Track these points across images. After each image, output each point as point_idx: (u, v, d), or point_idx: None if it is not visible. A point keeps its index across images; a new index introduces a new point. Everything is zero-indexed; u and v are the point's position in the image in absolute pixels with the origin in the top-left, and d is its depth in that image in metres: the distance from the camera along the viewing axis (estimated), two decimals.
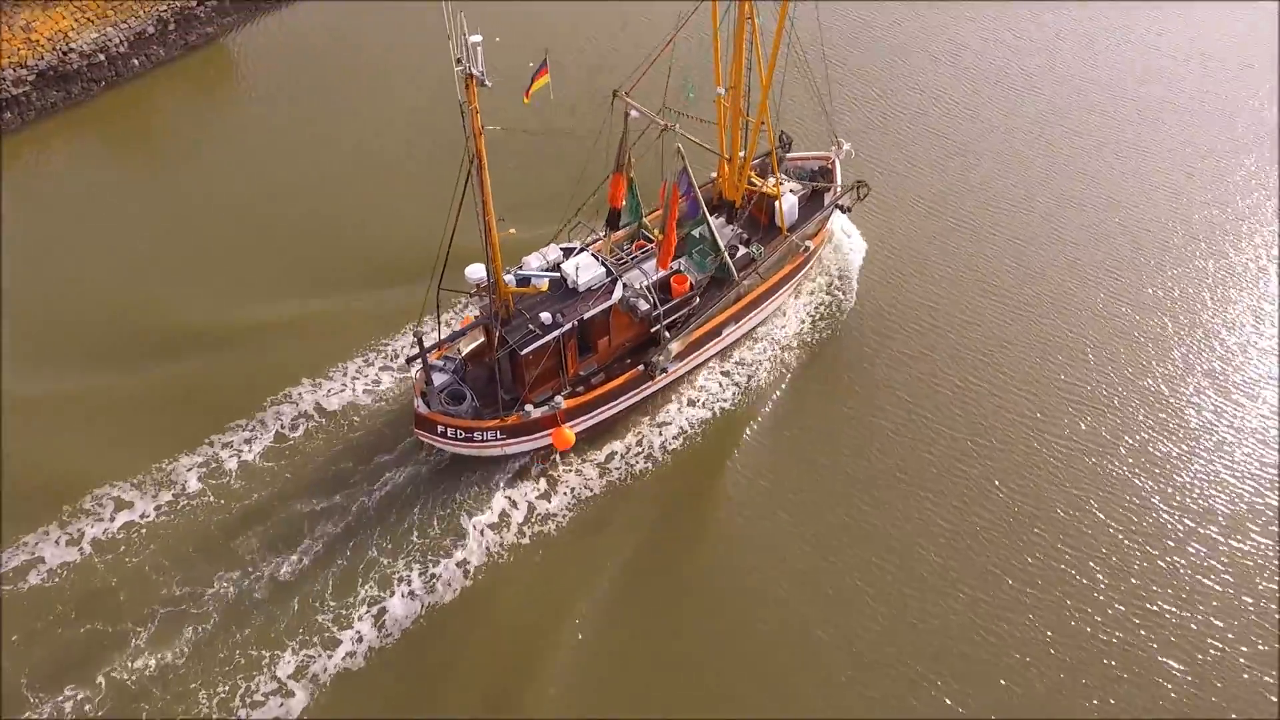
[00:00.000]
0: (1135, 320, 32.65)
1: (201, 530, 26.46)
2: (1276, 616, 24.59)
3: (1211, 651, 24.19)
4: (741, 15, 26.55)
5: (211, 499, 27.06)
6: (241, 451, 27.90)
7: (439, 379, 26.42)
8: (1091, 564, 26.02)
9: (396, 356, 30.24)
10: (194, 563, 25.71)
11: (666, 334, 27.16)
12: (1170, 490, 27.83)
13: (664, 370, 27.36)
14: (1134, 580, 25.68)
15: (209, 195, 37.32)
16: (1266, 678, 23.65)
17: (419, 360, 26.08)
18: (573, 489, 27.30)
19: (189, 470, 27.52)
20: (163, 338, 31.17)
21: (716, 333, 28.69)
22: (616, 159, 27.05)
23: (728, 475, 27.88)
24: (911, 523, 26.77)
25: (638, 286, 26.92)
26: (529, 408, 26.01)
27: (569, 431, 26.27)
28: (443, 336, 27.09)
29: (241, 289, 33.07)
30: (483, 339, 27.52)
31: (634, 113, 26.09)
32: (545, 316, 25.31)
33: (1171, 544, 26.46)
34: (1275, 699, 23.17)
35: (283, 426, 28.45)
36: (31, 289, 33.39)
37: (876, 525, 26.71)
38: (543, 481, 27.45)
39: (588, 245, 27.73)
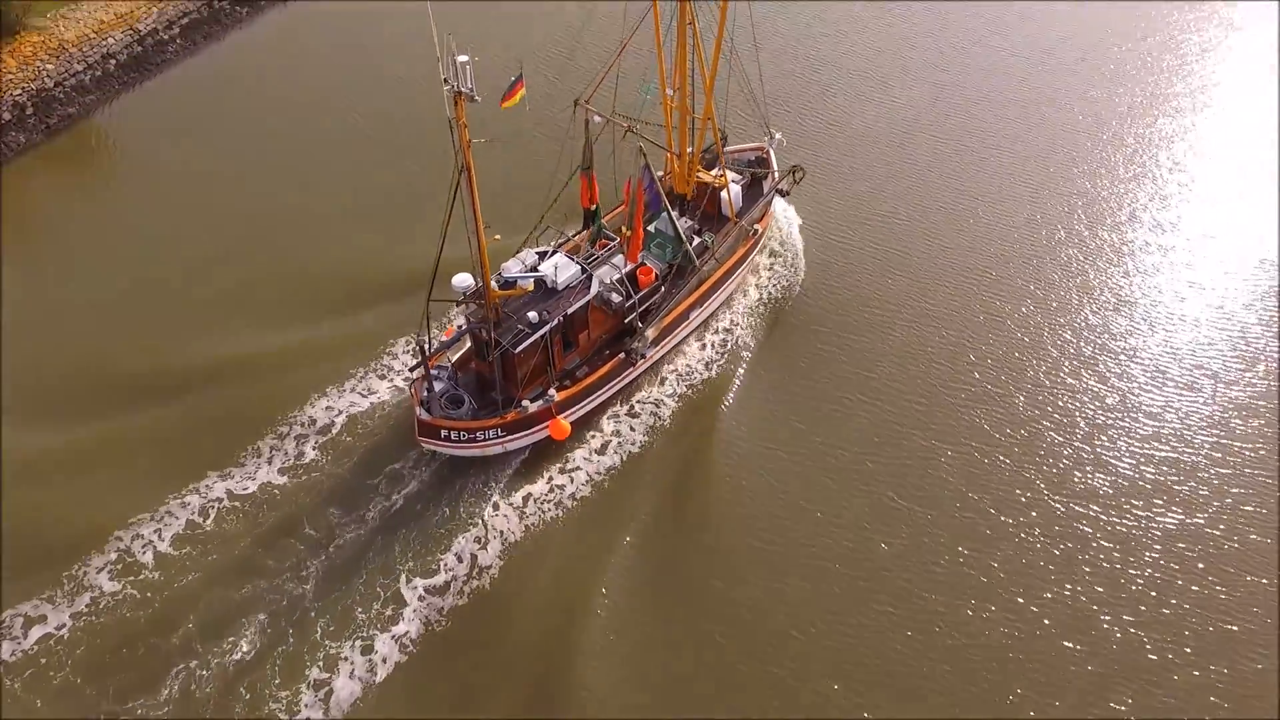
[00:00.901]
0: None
1: (246, 536, 26.71)
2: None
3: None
4: (683, 21, 28.12)
5: (236, 521, 27.06)
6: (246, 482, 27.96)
7: (436, 387, 27.41)
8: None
9: (387, 374, 30.56)
10: (283, 547, 26.35)
11: (640, 324, 28.77)
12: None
13: (643, 356, 28.97)
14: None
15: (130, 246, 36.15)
16: None
17: (420, 370, 27.09)
18: (586, 469, 28.55)
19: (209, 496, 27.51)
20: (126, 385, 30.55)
21: (685, 316, 30.55)
22: (583, 164, 28.22)
23: (720, 423, 30.14)
24: (851, 428, 29.86)
25: (609, 281, 28.49)
26: (526, 403, 26.99)
27: (564, 422, 27.31)
28: (431, 348, 27.67)
29: (186, 332, 32.30)
30: (468, 347, 28.60)
31: (596, 119, 27.48)
32: (532, 315, 26.59)
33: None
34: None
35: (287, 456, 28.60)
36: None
37: (825, 417, 30.14)
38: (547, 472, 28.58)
39: (559, 248, 29.11)
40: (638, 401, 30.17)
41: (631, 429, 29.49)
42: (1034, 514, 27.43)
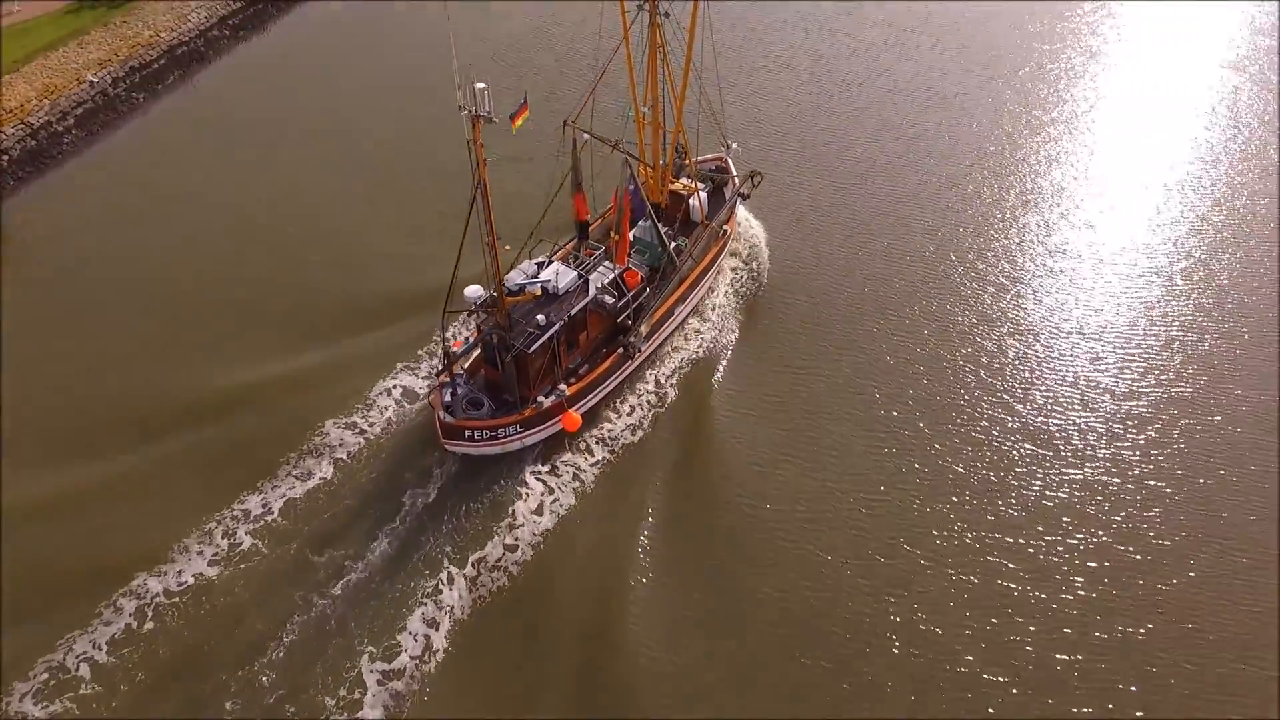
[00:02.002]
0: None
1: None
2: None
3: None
4: (653, 47, 30.18)
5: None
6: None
7: (453, 393, 28.57)
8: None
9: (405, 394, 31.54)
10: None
11: (630, 322, 30.56)
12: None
13: (639, 349, 30.87)
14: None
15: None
16: None
17: (439, 379, 28.61)
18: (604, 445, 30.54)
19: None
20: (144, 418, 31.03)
21: (671, 312, 32.45)
22: (573, 179, 29.58)
23: (714, 394, 32.45)
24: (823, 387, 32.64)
25: (602, 285, 30.20)
26: (540, 399, 28.55)
27: (576, 414, 28.89)
28: (442, 360, 28.84)
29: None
30: (475, 356, 29.93)
31: (584, 137, 28.95)
32: (540, 318, 28.06)
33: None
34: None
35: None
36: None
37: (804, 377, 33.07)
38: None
39: (553, 257, 30.71)
40: (640, 387, 32.23)
41: (637, 409, 31.60)
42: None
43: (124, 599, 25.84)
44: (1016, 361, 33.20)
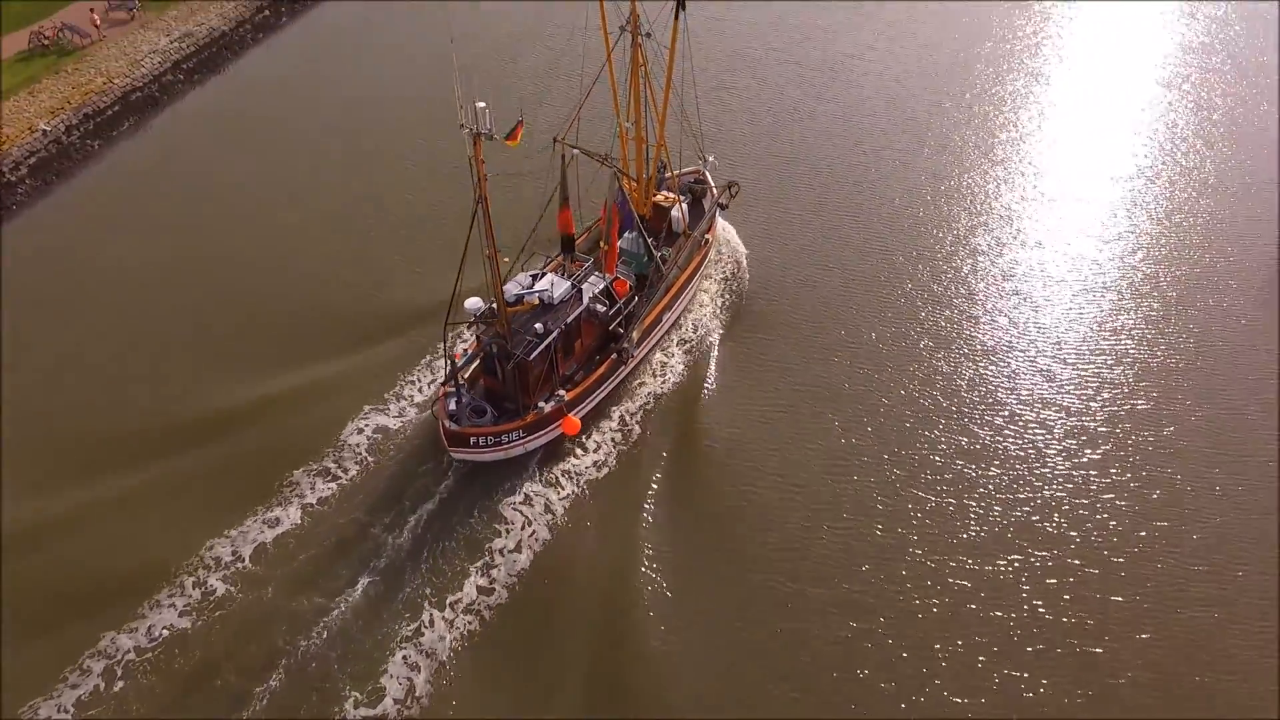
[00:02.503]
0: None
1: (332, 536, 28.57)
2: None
3: None
4: (635, 65, 32.23)
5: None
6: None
7: (455, 403, 29.99)
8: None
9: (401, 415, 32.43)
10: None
11: (622, 330, 32.41)
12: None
13: (631, 354, 32.58)
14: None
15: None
16: None
17: (443, 389, 29.91)
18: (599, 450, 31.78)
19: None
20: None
21: (659, 319, 34.22)
22: (561, 194, 31.07)
23: (703, 401, 33.97)
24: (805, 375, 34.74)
25: (594, 294, 32.01)
26: (541, 405, 29.93)
27: (575, 418, 30.28)
28: (446, 370, 30.48)
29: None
30: (474, 367, 31.29)
31: (574, 152, 30.33)
32: (538, 327, 29.65)
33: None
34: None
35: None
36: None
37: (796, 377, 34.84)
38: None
39: (545, 269, 32.49)
40: (637, 386, 33.98)
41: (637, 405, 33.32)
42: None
43: (91, 660, 25.36)
44: (972, 384, 34.02)
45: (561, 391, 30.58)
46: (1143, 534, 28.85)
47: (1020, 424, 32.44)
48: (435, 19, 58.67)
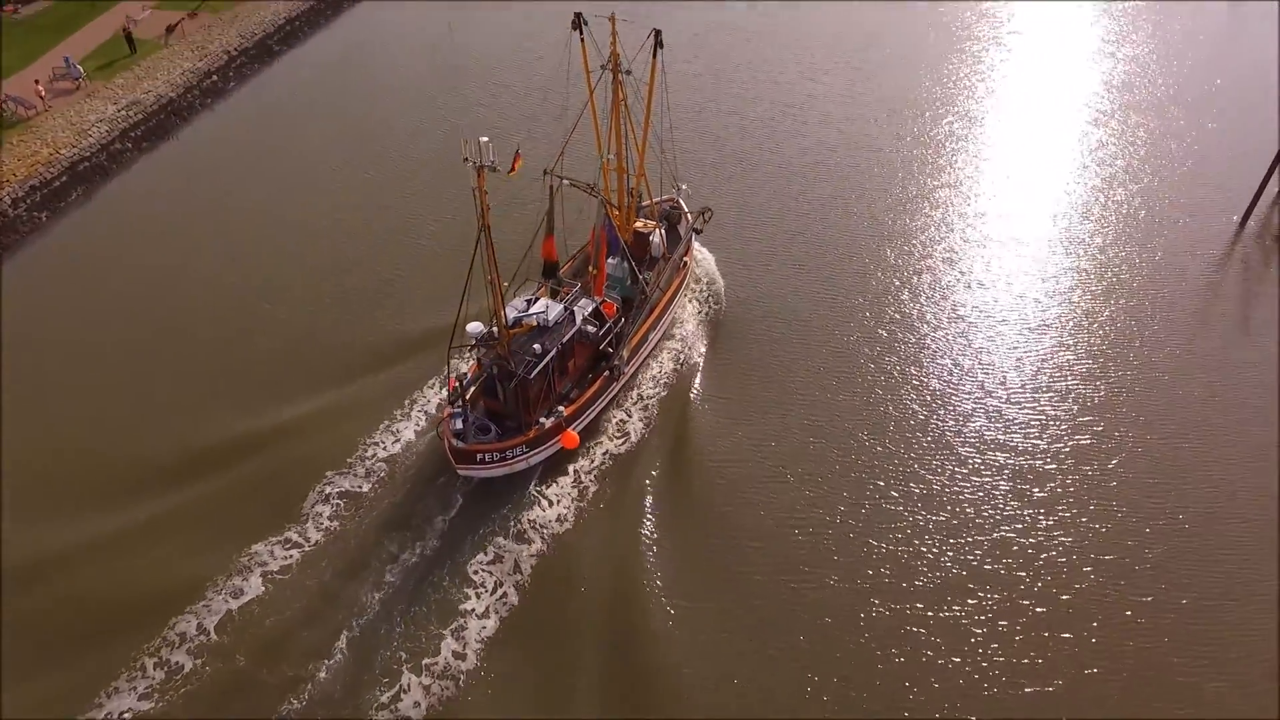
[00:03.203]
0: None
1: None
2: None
3: None
4: (616, 100, 34.30)
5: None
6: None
7: (460, 424, 31.26)
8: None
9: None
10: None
11: (611, 349, 34.34)
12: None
13: (622, 371, 34.59)
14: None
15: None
16: None
17: (455, 407, 31.39)
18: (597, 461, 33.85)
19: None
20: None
21: (646, 338, 36.35)
22: (547, 223, 32.79)
23: (694, 405, 36.18)
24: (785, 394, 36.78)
25: (584, 316, 33.81)
26: (542, 420, 31.59)
27: (574, 433, 31.91)
28: (452, 393, 32.12)
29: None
30: (475, 387, 32.71)
31: (565, 183, 32.23)
32: (536, 347, 31.28)
33: None
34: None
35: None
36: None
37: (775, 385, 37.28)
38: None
39: (537, 295, 33.93)
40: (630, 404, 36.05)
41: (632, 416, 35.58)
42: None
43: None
44: (922, 428, 34.97)
45: (560, 408, 32.34)
46: (1089, 571, 29.78)
47: (969, 466, 33.42)
48: (378, 80, 59.62)
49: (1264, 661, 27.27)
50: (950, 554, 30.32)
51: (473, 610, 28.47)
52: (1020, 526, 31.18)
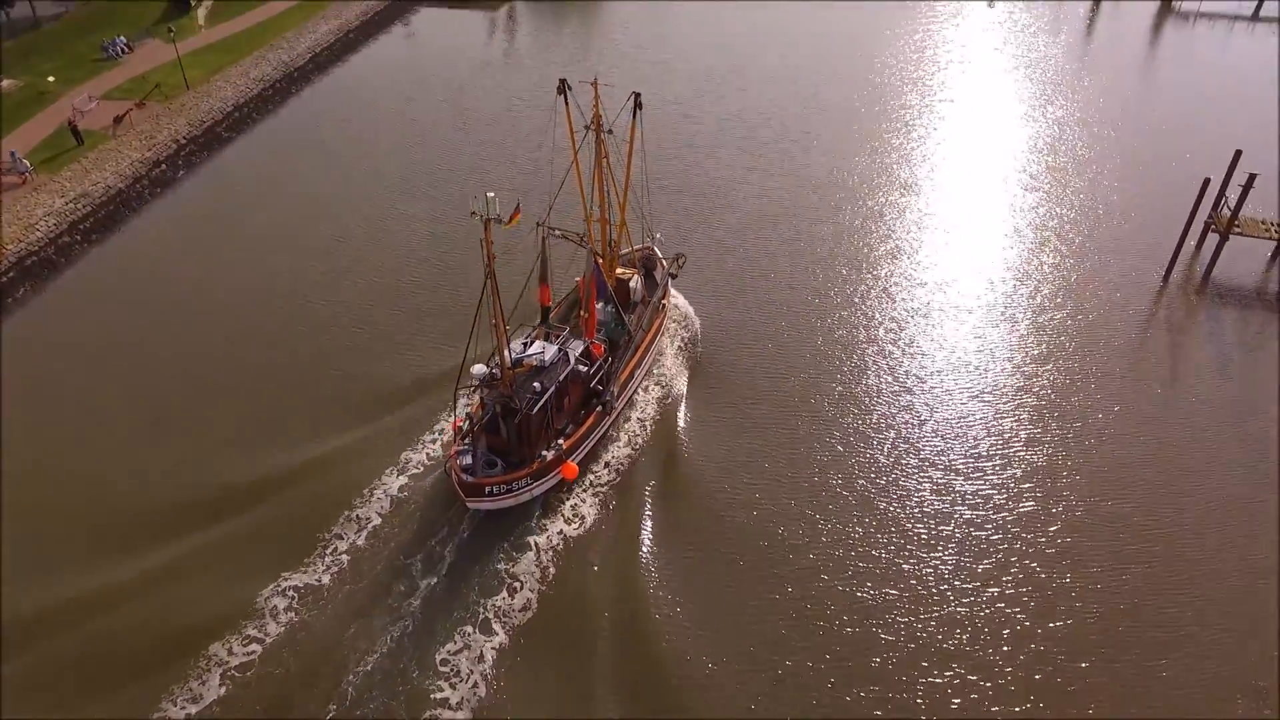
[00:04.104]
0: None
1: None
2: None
3: None
4: (599, 159, 36.97)
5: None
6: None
7: (467, 460, 33.08)
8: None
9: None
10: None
11: (601, 387, 36.83)
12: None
13: (614, 406, 37.24)
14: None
15: None
16: None
17: (461, 445, 33.48)
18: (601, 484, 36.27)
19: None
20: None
21: (633, 375, 38.94)
22: (540, 271, 35.94)
23: (680, 437, 38.83)
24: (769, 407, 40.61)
25: (576, 356, 36.07)
26: (544, 453, 33.64)
27: (573, 463, 34.15)
28: (459, 433, 34.25)
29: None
30: (477, 425, 34.21)
31: (556, 235, 35.08)
32: (536, 385, 33.61)
33: None
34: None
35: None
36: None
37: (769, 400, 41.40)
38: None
39: (532, 337, 36.46)
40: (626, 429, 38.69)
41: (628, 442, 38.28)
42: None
43: None
44: (867, 506, 35.79)
45: (560, 441, 34.49)
46: (1033, 645, 30.51)
47: (916, 542, 34.28)
48: (333, 157, 60.34)
49: None
50: (905, 619, 31.16)
51: (489, 628, 30.36)
52: (969, 601, 31.97)
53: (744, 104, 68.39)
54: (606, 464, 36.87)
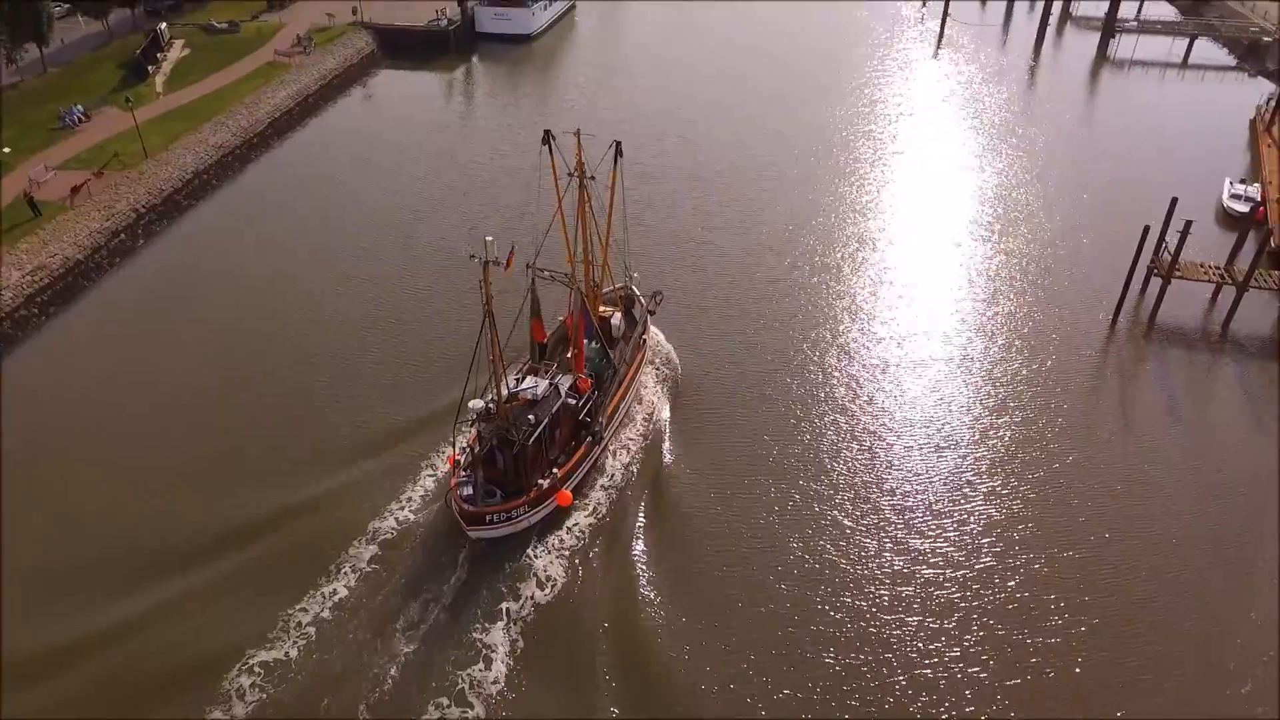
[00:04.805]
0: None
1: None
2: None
3: None
4: (582, 205, 39.27)
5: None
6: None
7: (467, 491, 34.78)
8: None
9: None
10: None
11: (589, 419, 38.94)
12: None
13: (603, 436, 39.51)
14: None
15: None
16: None
17: (462, 475, 35.29)
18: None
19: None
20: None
21: (619, 407, 41.28)
22: (533, 309, 37.93)
23: (669, 464, 41.15)
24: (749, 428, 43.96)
25: (565, 390, 38.05)
26: (540, 482, 35.56)
27: (568, 491, 36.58)
28: (460, 464, 36.04)
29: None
30: (473, 458, 35.95)
31: (545, 275, 36.77)
32: (531, 417, 35.41)
33: None
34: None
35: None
36: None
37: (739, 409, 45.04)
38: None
39: (523, 373, 38.99)
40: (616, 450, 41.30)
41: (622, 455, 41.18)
42: None
43: None
44: (831, 568, 36.32)
45: (554, 470, 36.33)
46: (999, 698, 31.18)
47: (879, 603, 34.79)
48: (297, 220, 60.45)
49: None
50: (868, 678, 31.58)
51: (494, 644, 32.30)
52: (932, 662, 32.42)
53: (697, 162, 69.61)
54: (599, 490, 38.96)
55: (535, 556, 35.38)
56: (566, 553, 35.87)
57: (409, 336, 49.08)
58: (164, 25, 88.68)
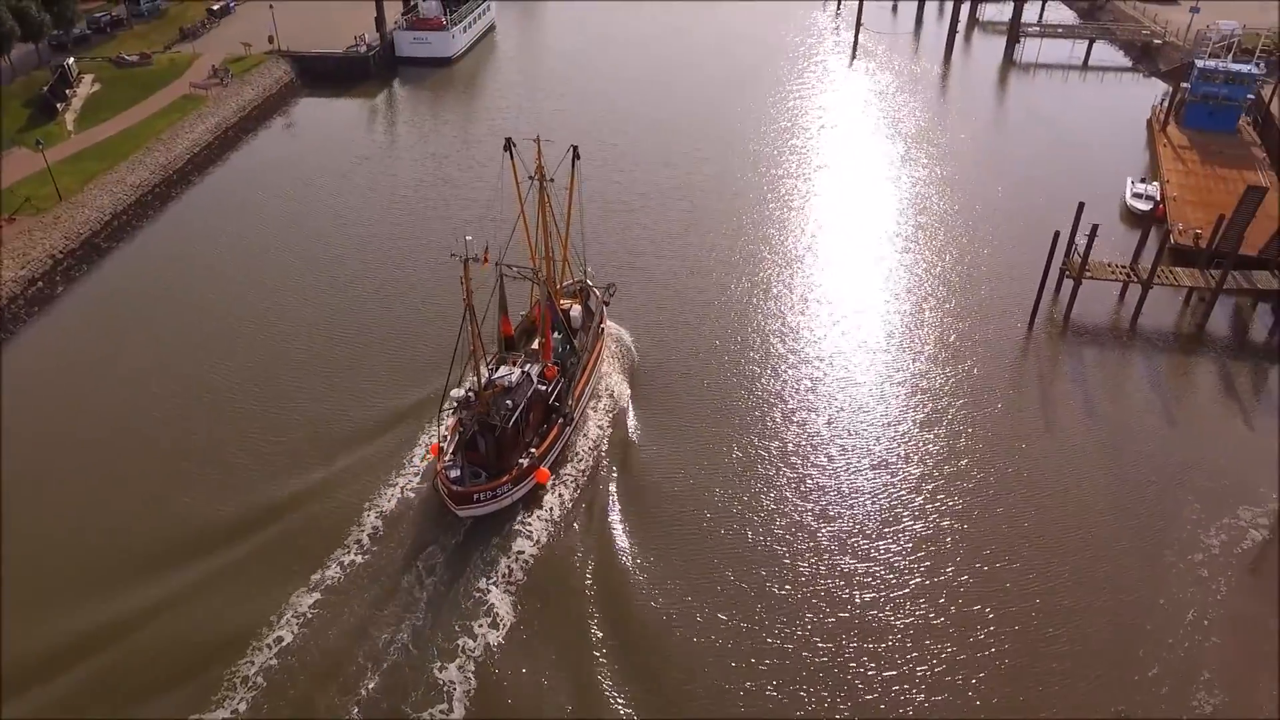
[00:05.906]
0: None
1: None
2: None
3: None
4: (542, 205, 42.56)
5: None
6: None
7: (454, 474, 37.48)
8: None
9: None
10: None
11: (558, 403, 42.01)
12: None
13: (573, 418, 42.86)
14: None
15: None
16: None
17: (447, 459, 37.93)
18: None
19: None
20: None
21: (585, 391, 44.60)
22: (500, 304, 41.15)
23: (633, 438, 44.61)
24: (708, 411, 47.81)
25: (535, 377, 41.33)
26: (521, 462, 38.72)
27: (546, 468, 39.81)
28: (445, 451, 38.75)
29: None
30: (455, 444, 38.75)
31: (514, 272, 39.44)
32: (509, 403, 38.76)
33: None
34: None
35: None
36: None
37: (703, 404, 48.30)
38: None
39: (495, 364, 41.75)
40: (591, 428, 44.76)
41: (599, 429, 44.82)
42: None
43: None
44: (792, 601, 36.95)
45: (532, 450, 39.45)
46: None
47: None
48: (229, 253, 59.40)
49: None
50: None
51: (490, 609, 35.08)
52: (866, 684, 33.43)
53: (623, 183, 70.30)
54: (571, 465, 42.18)
55: (521, 528, 38.47)
56: (548, 523, 39.13)
57: (376, 345, 51.55)
58: (72, 60, 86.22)
